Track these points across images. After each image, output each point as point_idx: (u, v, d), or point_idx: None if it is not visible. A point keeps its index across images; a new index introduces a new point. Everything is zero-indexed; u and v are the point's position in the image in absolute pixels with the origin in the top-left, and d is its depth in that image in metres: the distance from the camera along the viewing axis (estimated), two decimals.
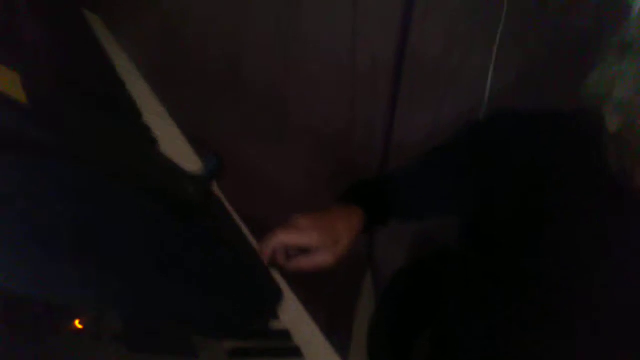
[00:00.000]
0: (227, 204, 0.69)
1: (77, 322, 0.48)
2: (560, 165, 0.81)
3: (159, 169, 0.48)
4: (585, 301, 0.82)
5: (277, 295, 0.48)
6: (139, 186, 0.39)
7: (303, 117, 1.42)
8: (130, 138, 0.54)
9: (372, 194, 0.90)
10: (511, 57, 1.39)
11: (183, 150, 0.65)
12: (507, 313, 0.90)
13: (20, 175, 0.36)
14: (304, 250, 0.72)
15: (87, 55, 0.77)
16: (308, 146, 1.44)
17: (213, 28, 1.30)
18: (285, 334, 0.65)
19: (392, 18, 1.37)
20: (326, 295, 1.40)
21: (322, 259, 0.72)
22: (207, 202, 0.45)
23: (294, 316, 0.67)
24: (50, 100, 0.50)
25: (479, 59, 1.39)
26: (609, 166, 0.76)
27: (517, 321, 0.89)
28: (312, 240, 0.71)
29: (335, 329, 1.53)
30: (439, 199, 0.93)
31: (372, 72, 1.41)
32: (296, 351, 0.63)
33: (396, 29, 1.38)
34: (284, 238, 0.69)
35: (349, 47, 1.37)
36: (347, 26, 1.36)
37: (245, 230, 0.68)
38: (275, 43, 1.35)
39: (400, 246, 1.50)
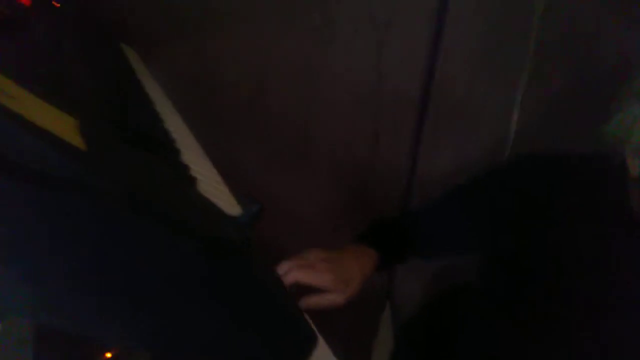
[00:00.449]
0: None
1: (108, 354, 0.49)
2: (582, 206, 0.81)
3: (200, 210, 0.49)
4: (610, 343, 0.82)
5: (312, 340, 0.49)
6: (179, 226, 0.40)
7: (327, 151, 1.44)
8: (173, 178, 0.56)
9: (390, 233, 0.91)
10: (536, 96, 1.41)
11: (220, 190, 0.67)
12: (526, 351, 0.89)
13: (74, 215, 0.37)
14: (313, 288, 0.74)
15: (128, 93, 0.80)
16: (330, 179, 1.46)
17: (240, 63, 1.33)
18: None
19: (419, 52, 1.39)
20: (344, 329, 1.39)
21: (333, 299, 0.73)
22: (247, 245, 0.46)
23: (318, 352, 0.67)
24: (105, 145, 0.52)
25: (503, 97, 1.41)
26: (632, 208, 0.77)
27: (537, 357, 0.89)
28: (325, 282, 0.72)
29: None
30: (460, 237, 0.94)
31: (397, 108, 1.44)
32: None
33: (422, 66, 1.41)
34: (299, 276, 0.71)
35: (375, 81, 1.40)
36: (373, 61, 1.39)
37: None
38: (304, 80, 1.38)
39: (419, 281, 1.50)
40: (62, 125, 0.47)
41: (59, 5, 0.86)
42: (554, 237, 0.82)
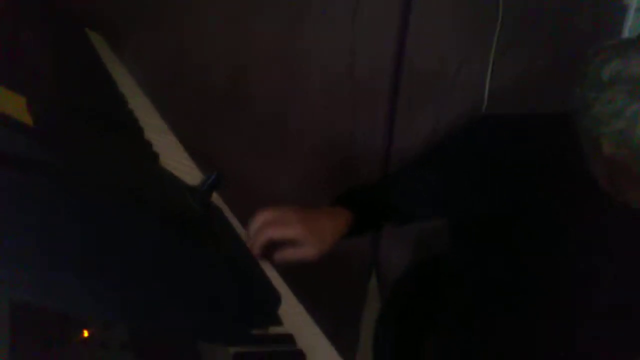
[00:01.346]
0: (227, 214, 0.71)
1: (85, 332, 0.50)
2: (545, 166, 0.83)
3: (159, 182, 0.50)
4: (572, 297, 0.84)
5: (276, 299, 0.50)
6: (140, 200, 0.41)
7: (304, 129, 1.45)
8: (132, 154, 0.56)
9: (365, 198, 0.92)
10: (507, 64, 1.41)
11: (185, 164, 0.68)
12: (499, 315, 0.92)
13: (26, 192, 0.38)
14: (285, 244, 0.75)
15: (89, 74, 0.80)
16: (309, 157, 1.46)
17: (215, 45, 1.33)
18: (290, 339, 0.67)
19: (389, 31, 1.40)
20: (332, 300, 1.41)
21: (306, 252, 0.75)
22: (206, 212, 0.47)
23: (297, 320, 0.68)
24: (56, 122, 0.52)
25: (475, 67, 1.42)
26: (590, 173, 0.79)
27: (509, 323, 0.92)
28: (298, 234, 0.73)
29: (343, 333, 1.55)
30: (428, 201, 0.95)
31: (371, 84, 1.44)
32: (300, 355, 0.65)
33: (393, 41, 1.41)
34: (271, 233, 0.72)
35: (348, 61, 1.40)
36: (346, 40, 1.39)
37: (245, 238, 0.70)
38: (277, 59, 1.38)
39: (404, 250, 1.52)
40: (11, 104, 0.47)
41: None
42: (515, 198, 0.83)
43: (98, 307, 0.44)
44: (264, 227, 0.72)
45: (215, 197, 0.77)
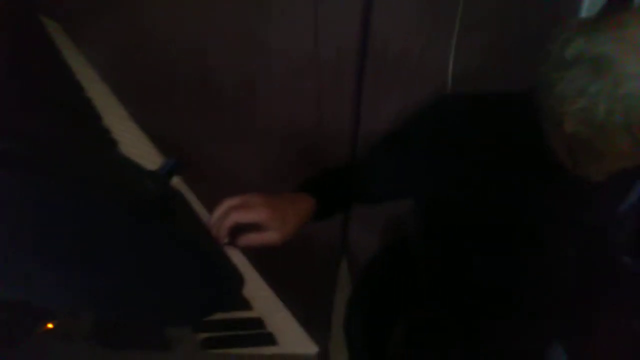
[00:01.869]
0: (193, 201, 0.70)
1: (49, 325, 0.49)
2: (504, 143, 0.85)
3: (117, 168, 0.49)
4: (538, 274, 0.88)
5: (239, 280, 0.50)
6: (96, 185, 0.40)
7: (270, 115, 1.44)
8: (89, 141, 0.55)
9: (327, 181, 0.93)
10: (471, 46, 1.43)
11: (145, 151, 0.66)
12: (468, 294, 0.94)
13: None
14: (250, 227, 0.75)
15: (44, 62, 0.77)
16: (276, 143, 1.46)
17: (178, 31, 1.31)
18: (259, 322, 0.67)
19: (353, 13, 1.40)
20: (303, 286, 1.41)
21: (270, 236, 0.75)
22: (165, 196, 0.46)
23: (266, 303, 0.68)
24: (9, 111, 0.51)
25: (440, 48, 1.43)
26: (549, 148, 0.81)
27: (478, 302, 0.94)
28: (262, 217, 0.74)
29: (315, 319, 1.55)
30: (392, 180, 0.96)
31: (336, 67, 1.44)
32: (270, 338, 0.65)
33: (357, 23, 1.41)
34: (237, 217, 0.72)
35: (312, 44, 1.40)
36: (310, 22, 1.38)
37: (206, 220, 0.70)
38: (240, 42, 1.36)
39: (373, 234, 1.53)
40: None
41: None
42: (475, 175, 0.85)
43: (60, 297, 0.43)
44: (229, 211, 0.72)
45: (182, 185, 0.76)
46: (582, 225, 0.86)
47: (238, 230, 0.73)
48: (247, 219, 0.73)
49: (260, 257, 0.76)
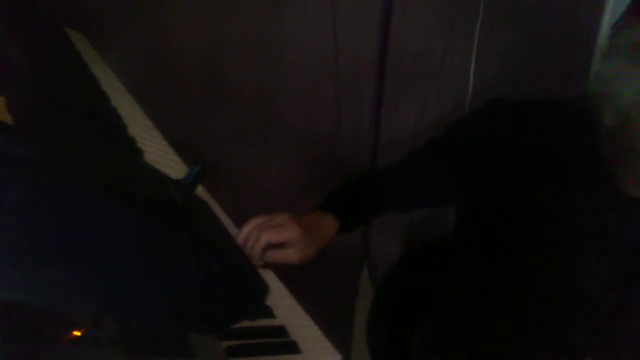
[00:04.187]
0: (213, 206, 0.71)
1: (75, 331, 0.50)
2: (556, 152, 0.83)
3: (143, 177, 0.50)
4: (576, 286, 0.85)
5: (264, 289, 0.50)
6: (122, 193, 0.40)
7: (288, 119, 1.44)
8: (115, 150, 0.56)
9: (351, 199, 0.90)
10: (491, 52, 1.42)
11: (170, 159, 0.67)
12: (505, 300, 0.92)
13: (8, 188, 0.37)
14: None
15: (70, 73, 0.79)
16: (294, 147, 1.46)
17: (196, 36, 1.32)
18: (282, 330, 0.67)
19: (372, 17, 1.39)
20: (325, 295, 1.41)
21: (291, 255, 0.74)
22: (191, 205, 0.47)
23: (289, 312, 0.69)
24: (36, 120, 0.52)
25: (459, 55, 1.42)
26: (605, 156, 0.79)
27: (514, 309, 0.92)
28: (293, 235, 0.73)
29: (337, 326, 1.55)
30: (438, 187, 0.93)
31: (355, 72, 1.43)
32: (294, 346, 0.65)
33: (376, 28, 1.40)
34: (269, 237, 0.71)
35: (331, 48, 1.40)
36: (328, 27, 1.38)
37: (230, 229, 0.70)
38: (258, 47, 1.37)
39: (394, 240, 1.52)
40: None
41: None
42: (528, 182, 0.83)
43: (84, 302, 0.44)
44: (259, 231, 0.71)
45: (202, 191, 0.77)
46: (625, 242, 0.83)
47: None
48: (281, 238, 0.72)
49: (282, 264, 0.76)
